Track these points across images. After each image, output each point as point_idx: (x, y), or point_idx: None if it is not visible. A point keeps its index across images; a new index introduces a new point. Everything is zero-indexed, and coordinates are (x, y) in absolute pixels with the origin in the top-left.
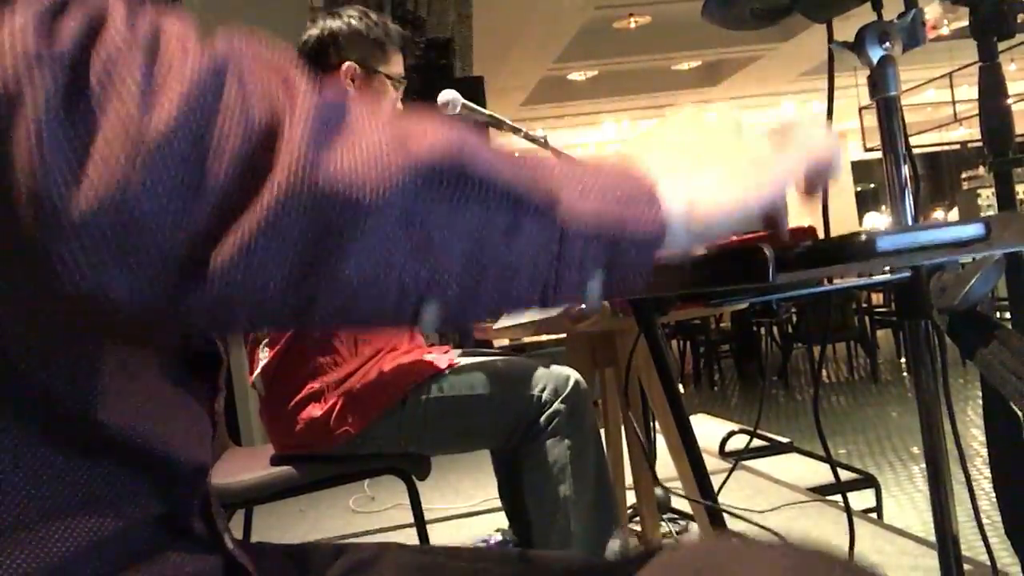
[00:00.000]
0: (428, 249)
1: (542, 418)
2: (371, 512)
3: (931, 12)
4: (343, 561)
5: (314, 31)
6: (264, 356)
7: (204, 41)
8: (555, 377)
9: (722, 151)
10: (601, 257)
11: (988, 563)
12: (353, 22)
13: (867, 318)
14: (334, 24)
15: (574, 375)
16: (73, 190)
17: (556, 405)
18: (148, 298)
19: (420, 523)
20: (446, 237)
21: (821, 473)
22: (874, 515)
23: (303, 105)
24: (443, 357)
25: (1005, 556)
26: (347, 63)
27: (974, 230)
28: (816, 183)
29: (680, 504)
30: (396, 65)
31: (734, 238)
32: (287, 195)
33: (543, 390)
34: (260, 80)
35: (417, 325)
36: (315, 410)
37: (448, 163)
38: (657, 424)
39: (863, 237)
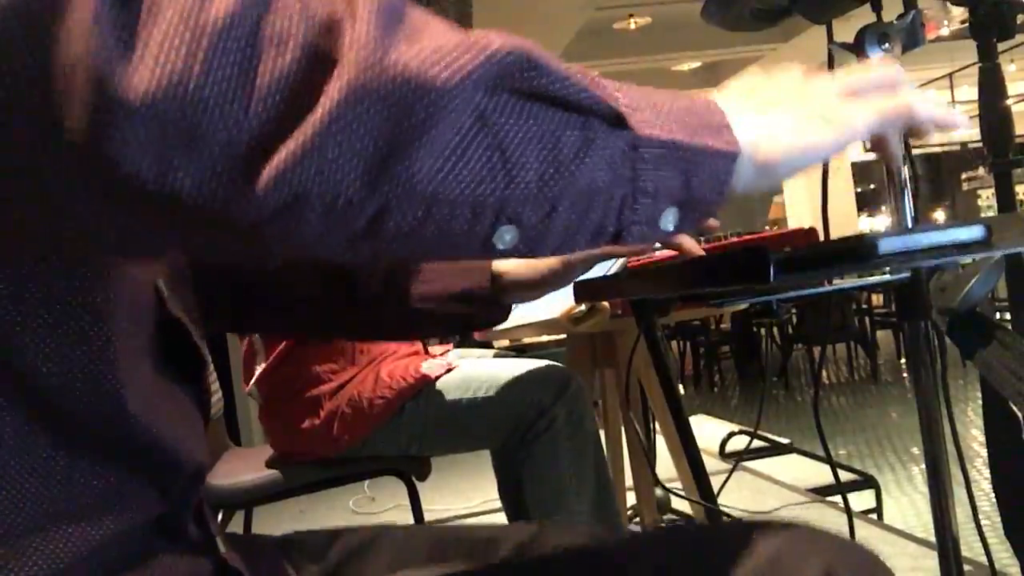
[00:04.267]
0: (503, 155)
1: (542, 419)
2: (371, 513)
3: (930, 7)
4: (338, 547)
5: None
6: (260, 367)
7: None
8: (554, 378)
9: (789, 97)
10: (675, 182)
11: (988, 564)
12: None
13: (867, 319)
14: None
15: (573, 376)
16: (130, 70)
17: (556, 406)
18: (214, 193)
19: (420, 524)
20: (519, 142)
21: (821, 474)
22: (874, 516)
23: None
24: (441, 361)
25: (1005, 557)
26: None
27: (974, 232)
28: (917, 130)
29: (680, 505)
30: None
31: (735, 239)
32: (358, 83)
33: (543, 391)
34: None
35: (491, 251)
36: (314, 419)
37: (518, 56)
38: (657, 425)
39: (864, 240)
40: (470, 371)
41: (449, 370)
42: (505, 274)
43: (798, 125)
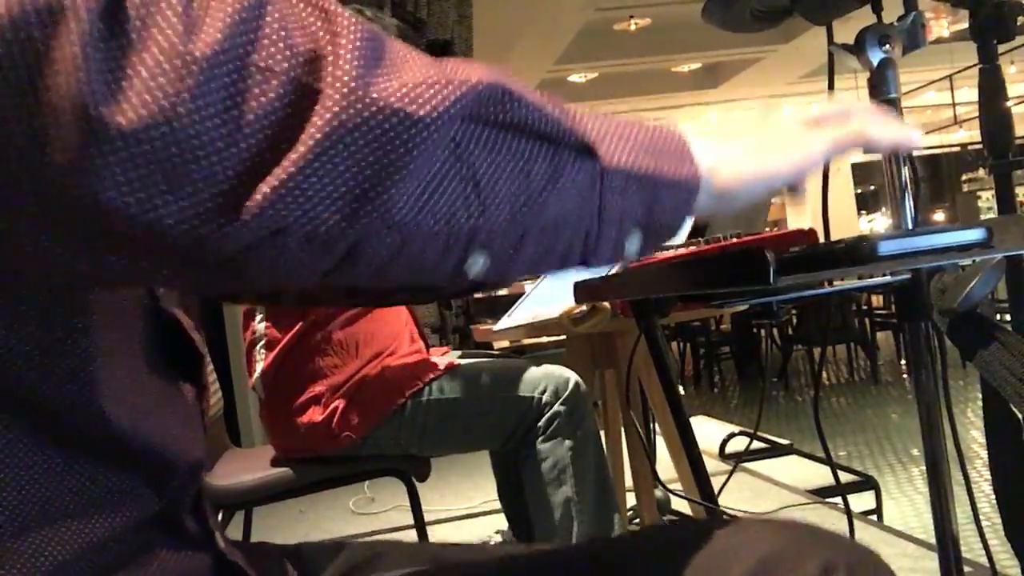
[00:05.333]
0: (477, 187)
1: (542, 419)
2: (371, 513)
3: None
4: (342, 560)
5: None
6: (261, 357)
7: None
8: (555, 378)
9: (749, 127)
10: (639, 209)
11: (988, 565)
12: None
13: (867, 320)
14: None
15: (574, 376)
16: (117, 103)
17: (556, 406)
18: (195, 227)
19: (420, 524)
20: (493, 173)
21: (821, 475)
22: (874, 517)
23: (346, 32)
24: (443, 359)
25: (1005, 558)
26: None
27: (975, 234)
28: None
29: (680, 506)
30: None
31: (735, 240)
32: (340, 118)
33: (543, 392)
34: (300, 10)
35: (462, 279)
36: (316, 414)
37: (493, 89)
38: (657, 426)
39: (865, 241)
40: (472, 370)
41: (451, 367)
42: None
43: (756, 152)
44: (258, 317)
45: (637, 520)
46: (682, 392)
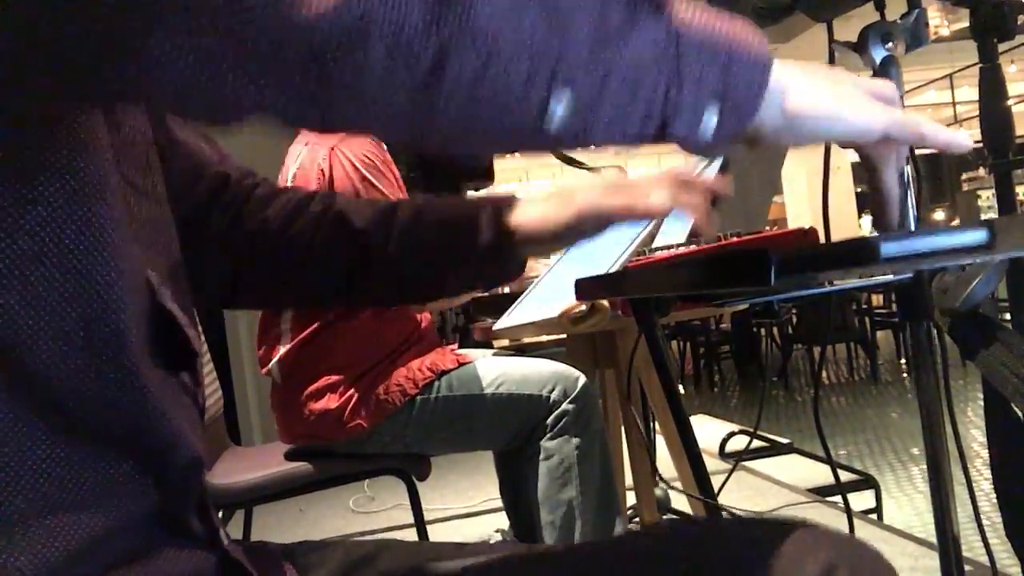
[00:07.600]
0: (557, 15)
1: (550, 418)
2: (371, 512)
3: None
4: (342, 558)
5: None
6: (284, 347)
7: None
8: (564, 377)
9: (826, 74)
10: (715, 75)
11: (989, 564)
12: None
13: (867, 319)
14: None
15: (583, 376)
16: None
17: (565, 405)
18: (281, 6)
19: (420, 523)
20: (570, 8)
21: (821, 474)
22: (874, 516)
23: None
24: (453, 355)
25: (1006, 557)
26: None
27: (978, 236)
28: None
29: (680, 505)
30: None
31: (735, 239)
32: None
33: (552, 390)
34: None
35: (545, 126)
36: (331, 402)
37: None
38: (657, 425)
39: (867, 242)
40: (480, 368)
41: (462, 364)
42: (520, 227)
43: (828, 93)
44: (284, 316)
45: (637, 519)
46: (682, 391)
